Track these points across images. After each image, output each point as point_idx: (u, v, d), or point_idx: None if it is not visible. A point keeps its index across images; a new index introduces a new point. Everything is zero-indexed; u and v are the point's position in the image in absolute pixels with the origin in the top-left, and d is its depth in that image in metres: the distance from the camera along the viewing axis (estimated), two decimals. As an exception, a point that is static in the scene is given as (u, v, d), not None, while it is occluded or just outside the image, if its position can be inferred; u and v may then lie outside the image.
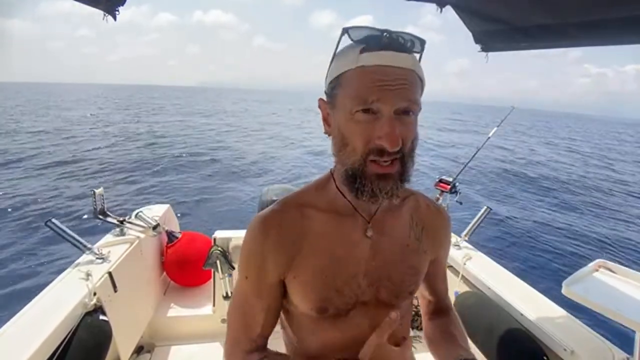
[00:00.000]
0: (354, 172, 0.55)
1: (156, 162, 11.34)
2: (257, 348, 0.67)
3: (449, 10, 1.45)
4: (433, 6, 1.38)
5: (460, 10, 1.44)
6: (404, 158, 0.55)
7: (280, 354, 0.69)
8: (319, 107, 0.62)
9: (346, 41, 0.57)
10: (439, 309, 0.81)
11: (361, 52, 0.53)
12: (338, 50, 0.57)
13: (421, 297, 0.84)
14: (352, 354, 0.63)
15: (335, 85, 0.56)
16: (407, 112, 0.53)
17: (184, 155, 12.82)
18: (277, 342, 0.78)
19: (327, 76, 0.59)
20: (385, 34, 0.53)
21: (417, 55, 0.57)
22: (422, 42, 0.56)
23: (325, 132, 0.61)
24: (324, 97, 0.61)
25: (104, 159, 11.49)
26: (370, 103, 0.51)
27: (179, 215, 2.55)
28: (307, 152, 14.85)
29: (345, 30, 0.54)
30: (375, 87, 0.51)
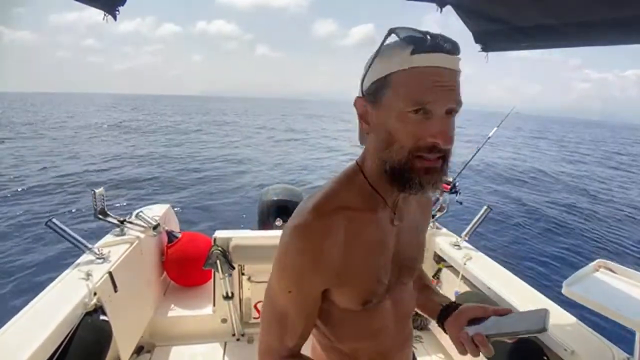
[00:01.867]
0: (401, 167, 0.57)
1: (157, 162, 11.34)
2: (292, 354, 0.68)
3: (449, 10, 1.45)
4: (434, 16, 1.38)
5: (460, 10, 1.44)
6: (446, 155, 0.57)
7: None
8: (355, 105, 0.62)
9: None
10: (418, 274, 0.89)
11: (412, 53, 0.53)
12: (383, 49, 0.57)
13: None
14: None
15: (381, 85, 0.56)
16: (452, 111, 0.56)
17: (184, 155, 12.83)
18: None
19: (366, 75, 0.59)
20: (428, 35, 0.54)
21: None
22: (459, 46, 0.57)
23: (364, 130, 0.63)
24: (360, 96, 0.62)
25: (105, 159, 11.50)
26: (425, 104, 0.53)
27: (179, 215, 2.55)
28: (308, 153, 14.85)
29: (392, 31, 0.55)
30: (430, 89, 0.53)
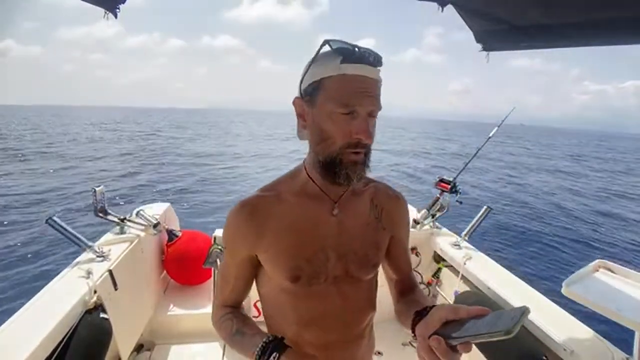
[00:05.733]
0: (332, 161, 0.67)
1: (157, 162, 11.35)
2: (230, 304, 0.82)
3: (450, 10, 1.45)
4: (437, 28, 1.39)
5: (462, 9, 1.44)
6: (367, 150, 0.68)
7: (246, 317, 0.80)
8: (294, 104, 0.71)
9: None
10: (405, 287, 0.87)
11: (342, 62, 0.63)
12: (319, 56, 0.66)
13: (389, 281, 0.91)
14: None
15: (316, 87, 0.66)
16: (373, 114, 0.66)
17: (185, 154, 12.83)
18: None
19: (303, 78, 0.69)
20: (356, 48, 0.64)
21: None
22: (381, 58, 0.68)
23: (302, 126, 0.72)
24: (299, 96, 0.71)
25: (106, 157, 11.50)
26: (352, 107, 0.64)
27: (179, 213, 2.55)
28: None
29: (327, 42, 0.64)
30: (356, 94, 0.63)
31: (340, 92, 0.63)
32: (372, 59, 0.65)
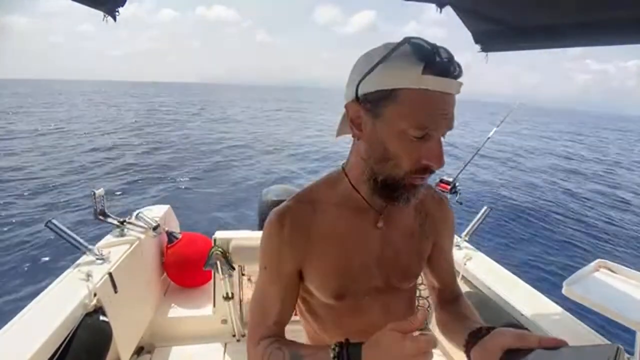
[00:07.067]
0: (395, 183, 0.59)
1: (156, 163, 11.34)
2: (272, 334, 0.70)
3: (448, 10, 1.45)
4: (433, 5, 1.38)
5: (460, 10, 1.44)
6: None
7: (293, 342, 0.70)
8: (346, 108, 0.62)
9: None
10: (449, 297, 0.82)
11: (424, 72, 0.52)
12: (391, 57, 0.54)
13: (430, 288, 0.87)
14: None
15: (385, 96, 0.54)
16: (444, 135, 0.58)
17: (184, 155, 12.83)
18: (298, 335, 0.81)
19: (365, 80, 0.56)
20: (437, 55, 0.52)
21: None
22: (461, 68, 0.57)
23: (354, 136, 0.63)
24: (346, 97, 0.62)
25: (105, 159, 11.50)
26: (427, 129, 0.54)
27: (179, 215, 2.55)
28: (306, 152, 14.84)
29: (407, 40, 0.53)
30: (436, 115, 0.53)
31: (419, 111, 0.53)
32: (457, 70, 0.54)
